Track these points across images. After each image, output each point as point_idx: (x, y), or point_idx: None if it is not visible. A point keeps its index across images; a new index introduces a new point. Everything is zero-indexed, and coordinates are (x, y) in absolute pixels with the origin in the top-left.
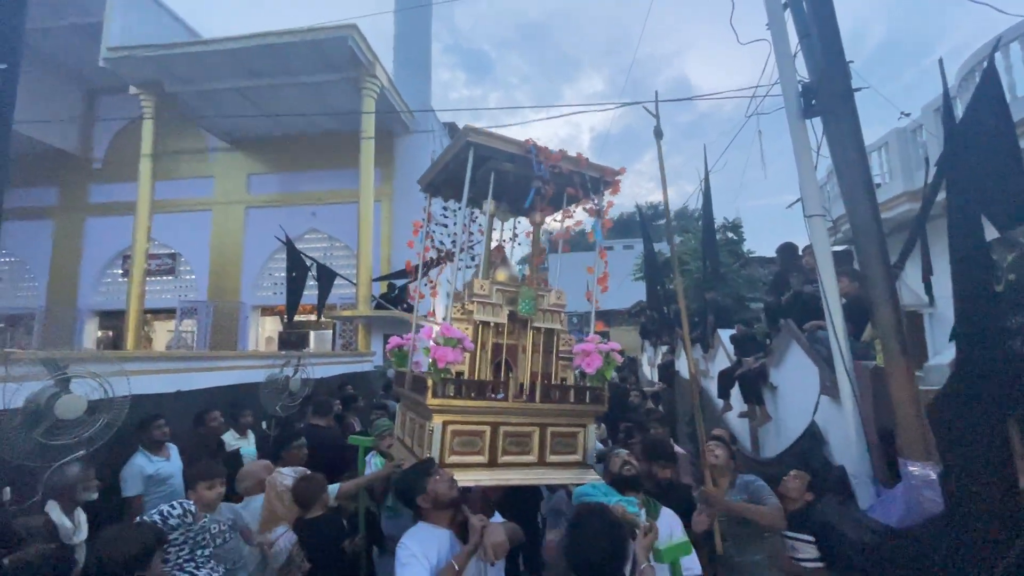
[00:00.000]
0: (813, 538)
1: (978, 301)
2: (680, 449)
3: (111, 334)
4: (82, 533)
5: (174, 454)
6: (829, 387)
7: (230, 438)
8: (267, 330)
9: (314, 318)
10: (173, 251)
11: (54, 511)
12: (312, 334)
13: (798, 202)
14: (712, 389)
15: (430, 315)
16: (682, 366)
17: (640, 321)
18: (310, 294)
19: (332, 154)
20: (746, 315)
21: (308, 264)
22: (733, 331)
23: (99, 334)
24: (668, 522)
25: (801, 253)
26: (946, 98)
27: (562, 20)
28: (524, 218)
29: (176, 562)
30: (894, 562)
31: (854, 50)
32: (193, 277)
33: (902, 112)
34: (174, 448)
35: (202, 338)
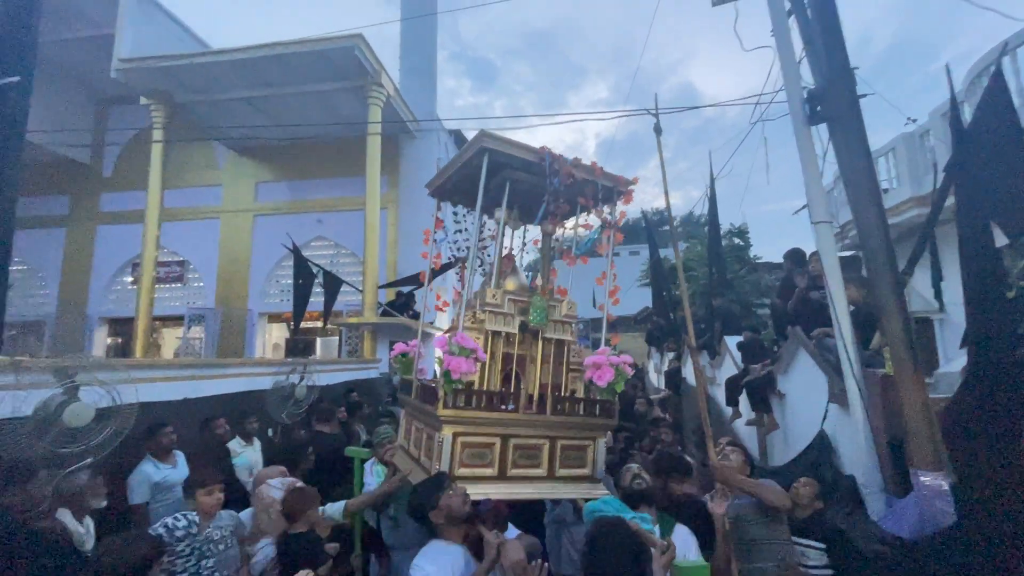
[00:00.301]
0: (823, 545)
1: (990, 308)
2: (687, 457)
3: (120, 341)
4: (91, 540)
5: (181, 461)
6: (838, 395)
7: (236, 445)
8: (274, 337)
9: (320, 325)
10: (182, 259)
11: (67, 518)
12: (318, 341)
13: (805, 208)
14: (719, 396)
15: (437, 317)
16: (689, 373)
17: (646, 327)
18: (316, 301)
19: (338, 162)
20: (753, 321)
21: (315, 271)
22: (740, 338)
23: (109, 341)
24: (683, 539)
25: (808, 259)
26: (953, 103)
27: (567, 28)
28: (533, 225)
29: (182, 574)
30: (905, 572)
31: (860, 55)
32: (201, 284)
33: (909, 117)
34: (181, 455)
35: (210, 345)
